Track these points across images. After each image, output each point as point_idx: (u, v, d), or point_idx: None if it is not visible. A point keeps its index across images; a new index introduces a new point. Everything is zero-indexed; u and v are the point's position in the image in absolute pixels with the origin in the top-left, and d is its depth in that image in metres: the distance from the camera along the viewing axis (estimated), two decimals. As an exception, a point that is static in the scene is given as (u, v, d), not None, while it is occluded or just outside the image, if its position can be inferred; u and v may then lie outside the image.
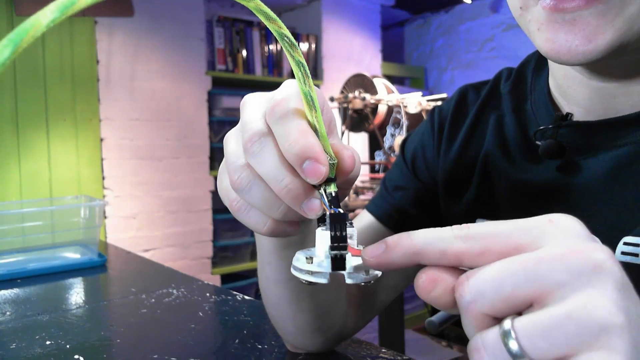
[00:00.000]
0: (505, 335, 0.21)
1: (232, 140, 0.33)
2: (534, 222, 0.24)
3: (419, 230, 0.26)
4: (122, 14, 2.12)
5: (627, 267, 0.39)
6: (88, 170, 2.28)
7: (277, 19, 0.28)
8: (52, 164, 2.19)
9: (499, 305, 0.22)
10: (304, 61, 0.29)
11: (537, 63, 0.54)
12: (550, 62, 0.50)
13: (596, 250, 0.22)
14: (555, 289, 0.21)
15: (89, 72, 2.26)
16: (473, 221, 0.49)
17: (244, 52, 2.79)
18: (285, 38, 0.28)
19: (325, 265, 0.28)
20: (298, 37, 3.00)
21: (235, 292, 0.76)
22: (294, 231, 0.33)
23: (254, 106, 0.32)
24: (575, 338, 0.20)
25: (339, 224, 0.29)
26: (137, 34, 2.37)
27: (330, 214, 0.29)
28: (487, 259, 0.24)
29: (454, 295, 0.24)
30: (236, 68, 2.76)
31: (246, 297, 0.74)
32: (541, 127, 0.48)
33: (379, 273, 0.28)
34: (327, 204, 0.29)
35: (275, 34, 0.28)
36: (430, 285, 0.25)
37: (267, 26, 0.28)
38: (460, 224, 0.27)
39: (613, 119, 0.44)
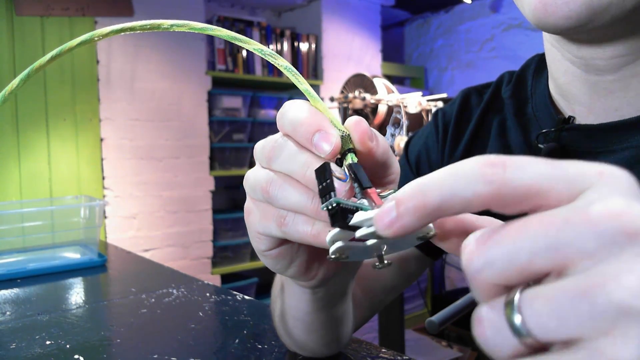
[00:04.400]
0: (510, 306, 0.18)
1: (252, 172, 0.33)
2: (582, 171, 0.19)
3: (433, 177, 0.21)
4: (122, 14, 2.12)
5: None
6: (88, 170, 2.28)
7: (249, 39, 0.30)
8: (52, 164, 2.19)
9: (511, 275, 0.19)
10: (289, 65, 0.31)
11: (538, 67, 0.55)
12: (549, 61, 0.51)
13: (638, 215, 0.17)
14: (579, 259, 0.17)
15: (89, 72, 2.26)
16: None
17: (244, 52, 2.79)
18: (268, 54, 0.31)
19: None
20: (298, 37, 3.00)
21: (235, 292, 0.76)
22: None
23: (266, 139, 0.33)
24: (588, 321, 0.16)
25: (322, 175, 0.27)
26: (137, 34, 2.37)
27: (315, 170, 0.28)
28: (519, 210, 0.20)
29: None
30: (236, 68, 2.76)
31: (246, 297, 0.74)
32: (543, 131, 0.49)
33: None
34: (347, 174, 0.28)
35: (256, 51, 0.30)
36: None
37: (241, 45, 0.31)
38: None
39: (614, 123, 0.44)
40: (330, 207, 0.26)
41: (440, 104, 2.22)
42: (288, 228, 0.31)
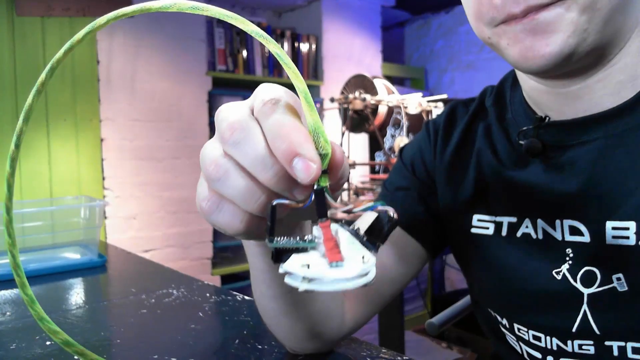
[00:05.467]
0: None
1: (209, 145, 0.32)
2: None
3: None
4: (122, 15, 2.12)
5: (620, 249, 0.45)
6: (88, 170, 2.28)
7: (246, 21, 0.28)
8: (52, 164, 2.19)
9: None
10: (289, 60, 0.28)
11: (514, 80, 0.61)
12: (520, 78, 0.56)
13: None
14: None
15: (89, 72, 2.26)
16: (471, 217, 0.58)
17: (245, 53, 2.79)
18: (262, 37, 0.28)
19: (322, 270, 0.25)
20: (298, 38, 3.00)
21: (235, 293, 0.76)
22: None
23: (231, 107, 0.31)
24: None
25: (270, 214, 0.27)
26: (138, 35, 2.37)
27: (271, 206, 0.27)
28: None
29: None
30: (236, 68, 2.76)
31: (246, 298, 0.74)
32: (524, 128, 0.54)
33: (326, 288, 0.25)
34: (311, 198, 0.27)
35: (255, 35, 0.28)
36: None
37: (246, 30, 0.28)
38: (460, 220, 0.28)
39: (585, 117, 0.49)
40: (272, 250, 0.27)
41: (440, 105, 2.22)
42: (212, 217, 0.31)
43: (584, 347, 0.49)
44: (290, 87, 0.31)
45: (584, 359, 0.49)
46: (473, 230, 0.57)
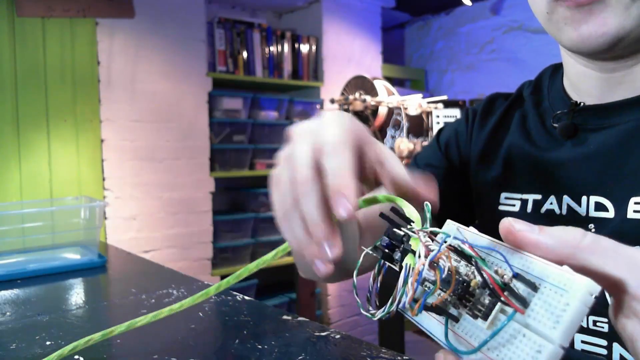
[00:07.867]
0: None
1: (283, 173, 0.35)
2: None
3: None
4: (123, 15, 2.12)
5: (639, 222, 0.47)
6: (88, 171, 2.28)
7: None
8: (52, 164, 2.19)
9: None
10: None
11: (553, 72, 0.64)
12: (566, 64, 0.59)
13: None
14: None
15: (89, 73, 2.27)
16: (499, 195, 0.61)
17: (245, 54, 2.79)
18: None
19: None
20: (299, 39, 3.00)
21: (235, 293, 0.76)
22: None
23: (302, 142, 0.35)
24: None
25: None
26: (138, 36, 2.38)
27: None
28: None
29: None
30: (237, 69, 2.76)
31: (246, 298, 0.74)
32: (558, 112, 0.58)
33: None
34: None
35: None
36: None
37: None
38: (489, 198, 0.35)
39: (618, 102, 0.53)
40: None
41: (440, 106, 2.22)
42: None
43: (598, 323, 0.51)
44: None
45: (598, 336, 0.50)
46: (500, 207, 0.60)
